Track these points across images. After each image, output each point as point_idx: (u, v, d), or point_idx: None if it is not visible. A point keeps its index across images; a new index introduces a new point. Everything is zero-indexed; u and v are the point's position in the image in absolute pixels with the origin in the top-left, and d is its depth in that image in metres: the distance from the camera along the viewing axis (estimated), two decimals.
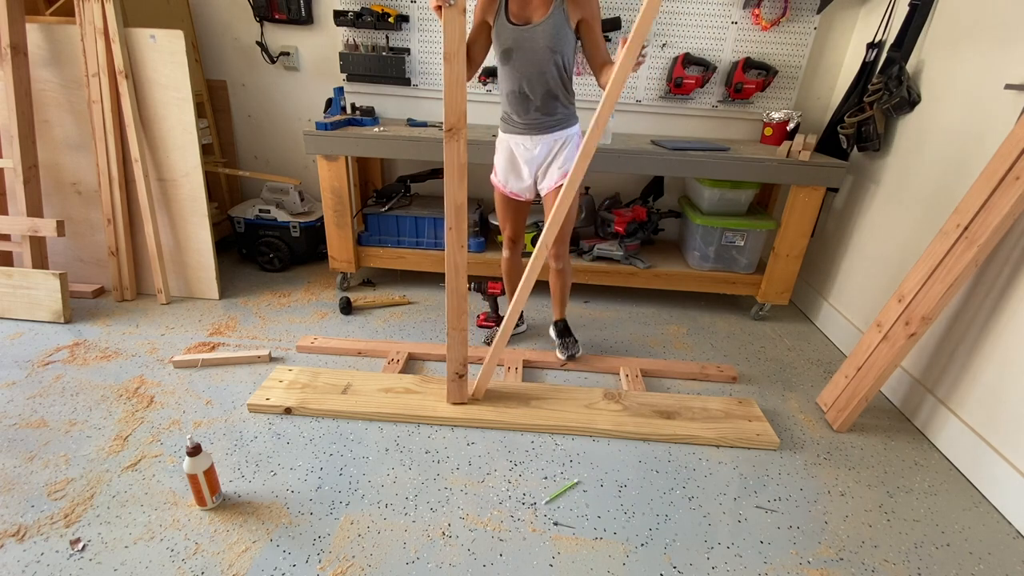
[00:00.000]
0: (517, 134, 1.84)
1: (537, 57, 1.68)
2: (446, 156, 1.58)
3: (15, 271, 2.27)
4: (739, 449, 1.79)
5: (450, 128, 1.55)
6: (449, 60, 1.49)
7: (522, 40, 1.67)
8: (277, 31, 2.79)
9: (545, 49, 1.67)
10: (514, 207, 2.02)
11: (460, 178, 1.59)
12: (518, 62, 1.71)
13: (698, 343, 2.47)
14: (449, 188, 1.61)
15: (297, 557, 1.32)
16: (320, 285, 2.81)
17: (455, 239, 1.67)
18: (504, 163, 1.93)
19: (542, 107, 1.77)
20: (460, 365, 1.80)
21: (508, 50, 1.70)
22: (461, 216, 1.65)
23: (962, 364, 1.81)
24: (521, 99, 1.77)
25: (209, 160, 2.88)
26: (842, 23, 2.60)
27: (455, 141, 1.55)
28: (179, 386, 1.93)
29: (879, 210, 2.33)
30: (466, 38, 1.52)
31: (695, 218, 2.58)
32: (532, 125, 1.80)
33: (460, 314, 1.74)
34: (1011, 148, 1.59)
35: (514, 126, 1.84)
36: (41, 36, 2.25)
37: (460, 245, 1.67)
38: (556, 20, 1.64)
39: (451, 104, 1.52)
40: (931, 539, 1.50)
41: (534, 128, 1.81)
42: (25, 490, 1.46)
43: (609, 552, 1.39)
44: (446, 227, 1.66)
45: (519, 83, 1.74)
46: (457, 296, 1.73)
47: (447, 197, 1.64)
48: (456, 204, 1.63)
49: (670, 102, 2.78)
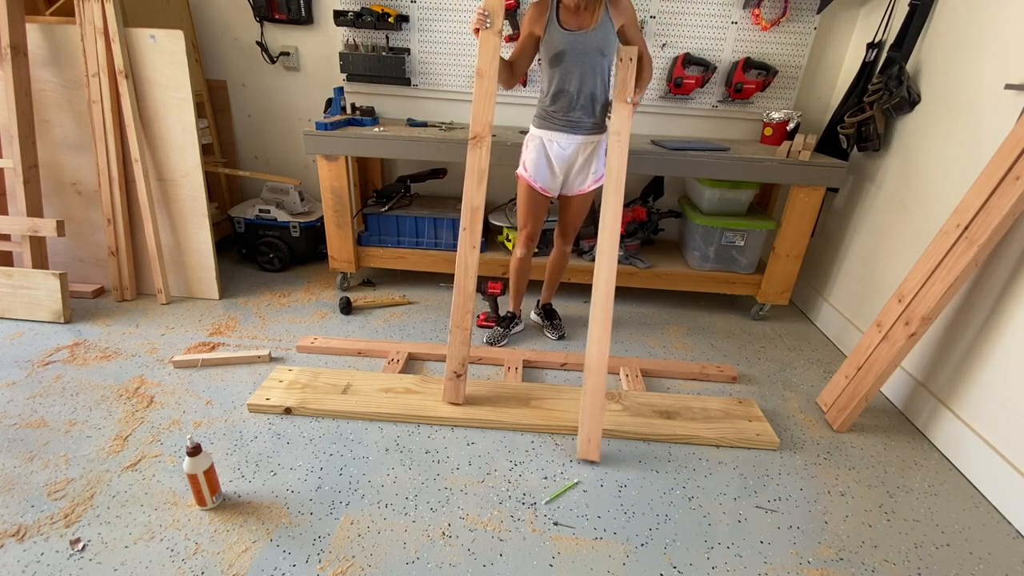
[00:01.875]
0: (553, 130, 1.93)
1: (588, 59, 1.82)
2: (469, 161, 1.72)
3: (15, 271, 2.27)
4: (739, 449, 1.79)
5: (475, 136, 1.71)
6: (481, 76, 1.71)
7: (575, 43, 1.80)
8: (277, 31, 2.78)
9: (596, 52, 1.81)
10: (538, 203, 2.06)
11: (479, 182, 1.73)
12: (569, 63, 1.83)
13: (698, 343, 2.47)
14: (468, 191, 1.71)
15: (297, 557, 1.32)
16: (320, 285, 2.81)
17: (468, 240, 1.72)
18: (535, 158, 1.98)
19: (585, 107, 1.89)
20: (459, 364, 1.81)
21: (560, 53, 1.82)
22: (477, 218, 1.72)
23: (962, 364, 1.81)
24: (566, 98, 1.88)
25: (209, 160, 2.88)
26: (842, 23, 2.60)
27: (479, 148, 1.73)
28: (179, 386, 1.93)
29: (879, 210, 2.33)
30: (497, 57, 1.72)
31: (695, 218, 2.58)
32: (571, 123, 1.91)
33: (465, 313, 1.77)
34: (1011, 148, 1.59)
35: (552, 122, 1.93)
36: (41, 36, 2.25)
37: (472, 246, 1.73)
38: (605, 26, 1.80)
39: (479, 115, 1.72)
40: (931, 539, 1.50)
41: (572, 127, 1.91)
42: (25, 490, 1.46)
43: (609, 552, 1.39)
44: (461, 227, 1.74)
45: (567, 83, 1.86)
46: (464, 295, 1.75)
47: (465, 199, 1.73)
48: (473, 206, 1.72)
49: (670, 102, 2.78)
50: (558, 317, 2.45)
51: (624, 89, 1.80)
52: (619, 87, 1.80)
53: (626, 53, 1.79)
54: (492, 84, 1.67)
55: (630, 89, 1.79)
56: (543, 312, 2.46)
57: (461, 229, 1.75)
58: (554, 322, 2.43)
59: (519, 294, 2.34)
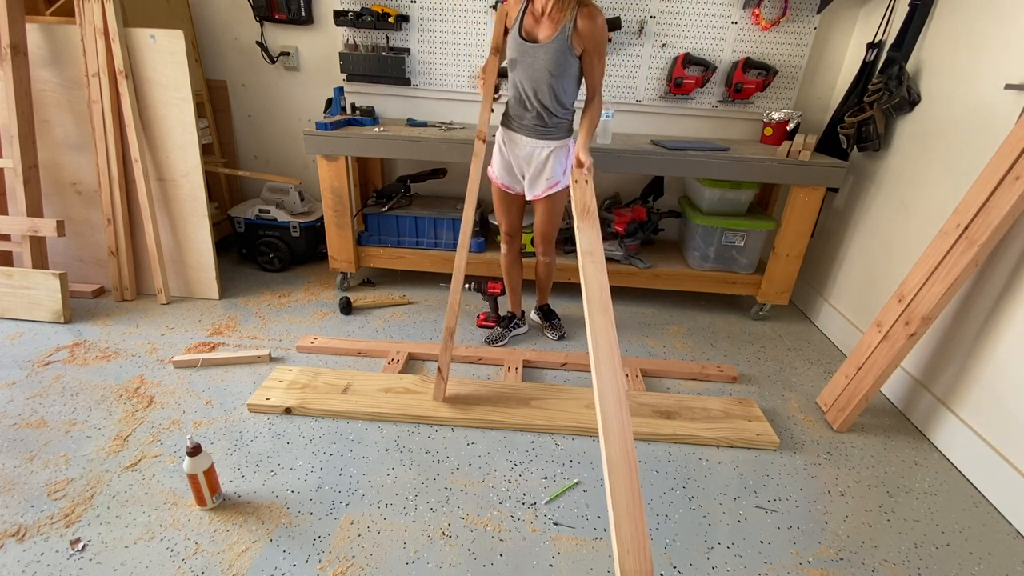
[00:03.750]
0: (511, 130, 1.93)
1: (536, 75, 1.77)
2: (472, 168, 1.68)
3: (15, 271, 2.27)
4: (739, 449, 1.79)
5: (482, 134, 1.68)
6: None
7: (525, 55, 1.75)
8: (277, 31, 2.78)
9: (543, 70, 1.74)
10: (507, 200, 2.09)
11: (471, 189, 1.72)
12: (520, 74, 1.80)
13: (698, 343, 2.47)
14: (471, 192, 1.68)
15: (297, 557, 1.32)
16: (320, 285, 2.81)
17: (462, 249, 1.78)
18: (496, 156, 2.02)
19: (537, 116, 1.86)
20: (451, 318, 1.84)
21: (513, 60, 1.79)
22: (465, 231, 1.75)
23: (962, 364, 1.81)
24: (520, 104, 1.87)
25: (209, 160, 2.88)
26: (842, 23, 2.60)
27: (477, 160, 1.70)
28: (179, 386, 1.93)
29: (879, 210, 2.33)
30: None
31: (695, 218, 2.58)
32: (526, 128, 1.89)
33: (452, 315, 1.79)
34: (1011, 148, 1.59)
35: (510, 122, 1.93)
36: (41, 36, 2.25)
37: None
38: (559, 45, 1.70)
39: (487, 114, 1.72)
40: (931, 539, 1.50)
41: (527, 131, 1.89)
42: (25, 490, 1.46)
43: (609, 552, 1.39)
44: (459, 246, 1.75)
45: (519, 91, 1.84)
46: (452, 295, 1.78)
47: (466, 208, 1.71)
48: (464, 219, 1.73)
49: (670, 102, 2.78)
50: (557, 317, 2.45)
51: (585, 209, 1.53)
52: (578, 207, 1.55)
53: (578, 175, 1.66)
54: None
55: (591, 209, 1.54)
56: (541, 313, 2.47)
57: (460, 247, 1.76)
58: (553, 322, 2.42)
59: (514, 292, 2.35)
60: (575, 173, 1.70)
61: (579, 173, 1.68)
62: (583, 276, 1.42)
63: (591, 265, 1.46)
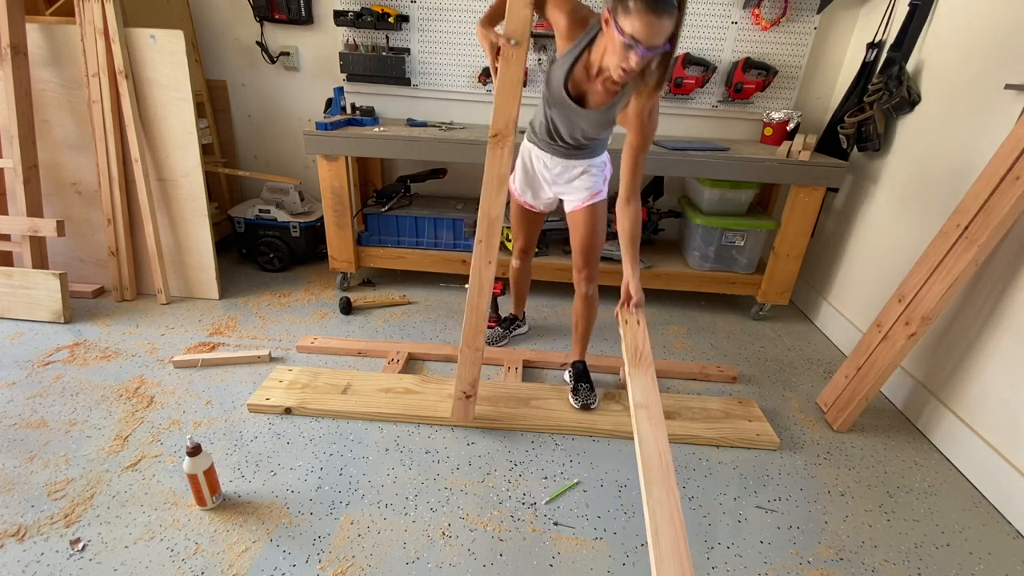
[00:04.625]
0: (539, 149, 1.75)
1: (573, 128, 1.61)
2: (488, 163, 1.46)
3: (15, 271, 2.27)
4: (739, 449, 1.79)
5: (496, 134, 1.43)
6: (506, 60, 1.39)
7: (566, 109, 1.55)
8: (277, 31, 2.78)
9: (581, 128, 1.59)
10: (529, 218, 1.95)
11: (499, 189, 1.47)
12: (555, 115, 1.61)
13: (698, 343, 2.46)
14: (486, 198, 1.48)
15: (297, 557, 1.32)
16: (320, 285, 2.81)
17: (483, 254, 1.52)
18: (522, 172, 1.84)
19: (569, 147, 1.70)
20: (469, 385, 1.73)
21: (551, 102, 1.58)
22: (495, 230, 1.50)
23: (962, 364, 1.81)
24: (548, 135, 1.69)
25: (209, 160, 2.88)
26: (842, 23, 2.60)
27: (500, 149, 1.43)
28: (179, 386, 1.93)
29: (879, 210, 2.33)
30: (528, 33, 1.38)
31: (695, 218, 2.58)
32: (558, 151, 1.72)
33: (478, 333, 1.64)
34: (1011, 148, 1.59)
35: (539, 142, 1.75)
36: (41, 36, 2.25)
37: (488, 260, 1.54)
38: (606, 118, 1.53)
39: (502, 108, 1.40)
40: (931, 539, 1.50)
41: (559, 153, 1.72)
42: (25, 490, 1.46)
43: (609, 552, 1.39)
44: (476, 240, 1.53)
45: (550, 126, 1.65)
46: (477, 315, 1.61)
47: (482, 208, 1.50)
48: (491, 216, 1.49)
49: (670, 102, 2.78)
50: (587, 380, 1.94)
51: (637, 355, 1.40)
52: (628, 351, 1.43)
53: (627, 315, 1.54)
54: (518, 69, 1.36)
55: (645, 354, 1.42)
56: (572, 371, 2.01)
57: (476, 241, 1.53)
58: (580, 386, 1.91)
59: (520, 299, 2.33)
60: (623, 312, 1.54)
61: (628, 312, 1.54)
62: (637, 434, 1.21)
63: (647, 422, 1.23)
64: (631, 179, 1.57)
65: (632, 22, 1.21)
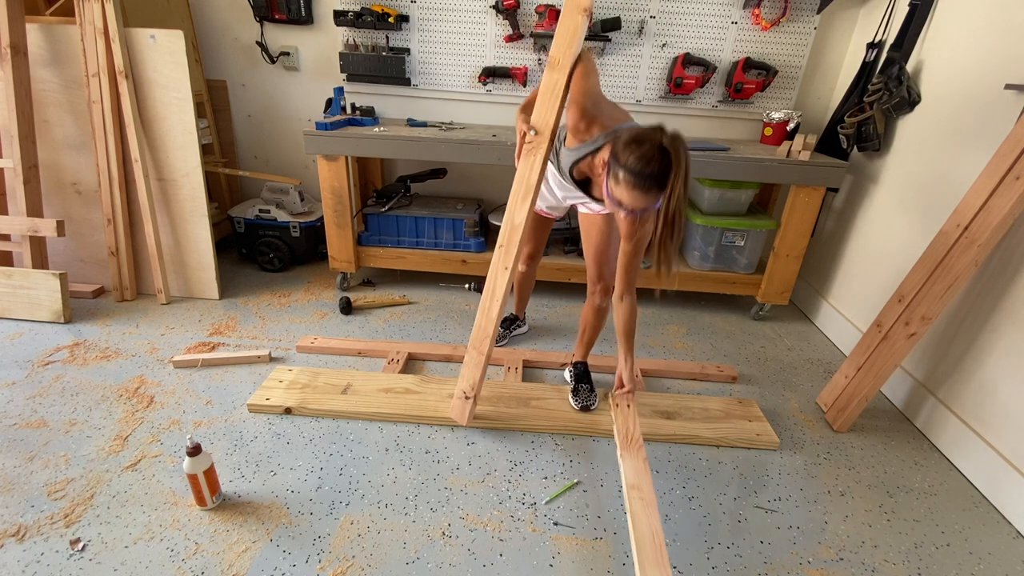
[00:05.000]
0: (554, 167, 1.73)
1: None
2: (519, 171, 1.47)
3: (15, 271, 2.27)
4: (739, 449, 1.79)
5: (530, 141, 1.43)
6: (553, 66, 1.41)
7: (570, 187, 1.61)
8: (277, 31, 2.78)
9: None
10: (539, 223, 1.95)
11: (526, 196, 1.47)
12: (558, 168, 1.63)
13: (698, 343, 2.46)
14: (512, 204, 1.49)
15: (297, 557, 1.32)
16: (320, 285, 2.81)
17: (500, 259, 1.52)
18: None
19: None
20: (470, 386, 1.72)
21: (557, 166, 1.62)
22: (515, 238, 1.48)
23: (962, 364, 1.81)
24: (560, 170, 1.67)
25: (209, 160, 2.88)
26: (842, 23, 2.60)
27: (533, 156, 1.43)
28: (179, 386, 1.93)
29: (879, 210, 2.33)
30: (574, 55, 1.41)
31: (695, 218, 2.58)
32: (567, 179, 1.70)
33: (484, 338, 1.63)
34: (1011, 148, 1.59)
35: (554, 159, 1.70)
36: (41, 36, 2.25)
37: (505, 267, 1.54)
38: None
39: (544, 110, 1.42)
40: (931, 539, 1.50)
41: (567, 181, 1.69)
42: (25, 490, 1.46)
43: (609, 552, 1.39)
44: (497, 244, 1.54)
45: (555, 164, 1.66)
46: (487, 319, 1.61)
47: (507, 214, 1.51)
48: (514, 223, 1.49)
49: (670, 102, 2.78)
50: (588, 381, 1.93)
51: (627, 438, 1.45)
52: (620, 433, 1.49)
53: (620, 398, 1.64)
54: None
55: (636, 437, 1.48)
56: (573, 372, 2.01)
57: (498, 246, 1.55)
58: (580, 387, 1.91)
59: (522, 300, 2.33)
60: (616, 396, 1.60)
61: (620, 396, 1.61)
62: (630, 514, 1.26)
63: (639, 502, 1.29)
64: (624, 278, 1.59)
65: (620, 190, 1.27)
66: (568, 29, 1.36)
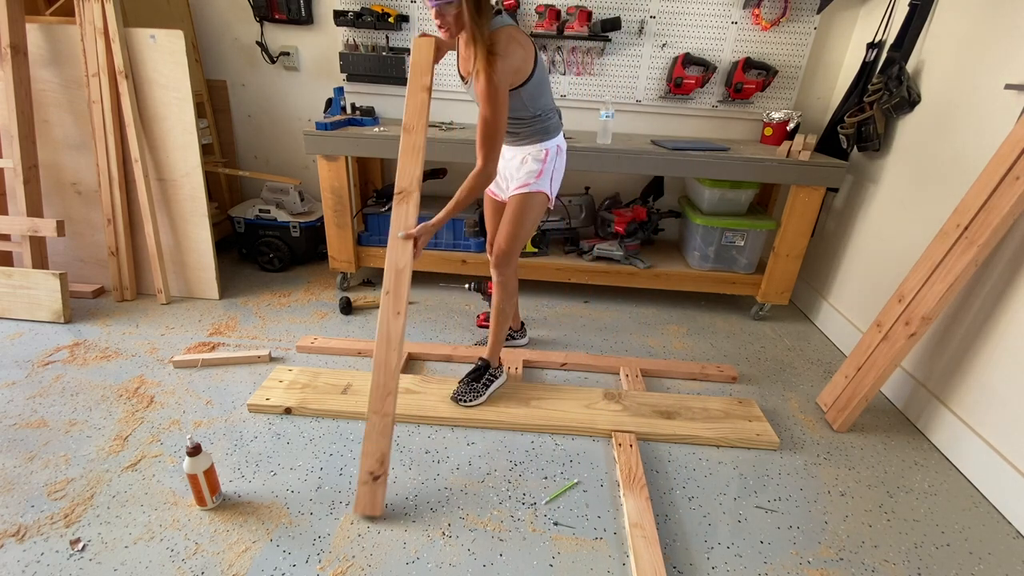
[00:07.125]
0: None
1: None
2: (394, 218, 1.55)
3: (15, 271, 2.27)
4: (739, 449, 1.79)
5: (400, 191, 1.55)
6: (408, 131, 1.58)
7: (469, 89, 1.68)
8: (277, 31, 2.78)
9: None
10: (492, 208, 1.99)
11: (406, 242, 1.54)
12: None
13: (698, 343, 2.46)
14: (392, 251, 1.52)
15: (297, 557, 1.32)
16: (320, 285, 2.81)
17: (391, 305, 1.46)
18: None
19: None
20: (378, 463, 1.41)
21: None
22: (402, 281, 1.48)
23: (962, 364, 1.81)
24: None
25: (209, 160, 2.88)
26: (842, 23, 2.60)
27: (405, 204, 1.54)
28: (179, 386, 1.93)
29: (879, 210, 2.33)
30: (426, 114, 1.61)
31: (695, 218, 2.58)
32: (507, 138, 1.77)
33: (386, 395, 1.43)
34: (1011, 148, 1.59)
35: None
36: (41, 36, 2.25)
37: (397, 312, 1.46)
38: (478, 88, 1.54)
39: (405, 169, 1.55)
40: (931, 539, 1.50)
41: (508, 140, 1.78)
42: (25, 490, 1.46)
43: (609, 552, 1.39)
44: (383, 291, 1.50)
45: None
46: (386, 373, 1.42)
47: (388, 261, 1.51)
48: (398, 268, 1.50)
49: (670, 102, 2.78)
50: (479, 379, 1.89)
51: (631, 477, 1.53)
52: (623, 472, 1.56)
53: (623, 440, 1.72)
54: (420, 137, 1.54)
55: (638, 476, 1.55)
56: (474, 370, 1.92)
57: (384, 292, 1.48)
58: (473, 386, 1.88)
59: None
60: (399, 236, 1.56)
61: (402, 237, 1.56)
62: (632, 552, 1.31)
63: (641, 540, 1.34)
64: (482, 144, 1.60)
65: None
66: (416, 103, 1.59)
